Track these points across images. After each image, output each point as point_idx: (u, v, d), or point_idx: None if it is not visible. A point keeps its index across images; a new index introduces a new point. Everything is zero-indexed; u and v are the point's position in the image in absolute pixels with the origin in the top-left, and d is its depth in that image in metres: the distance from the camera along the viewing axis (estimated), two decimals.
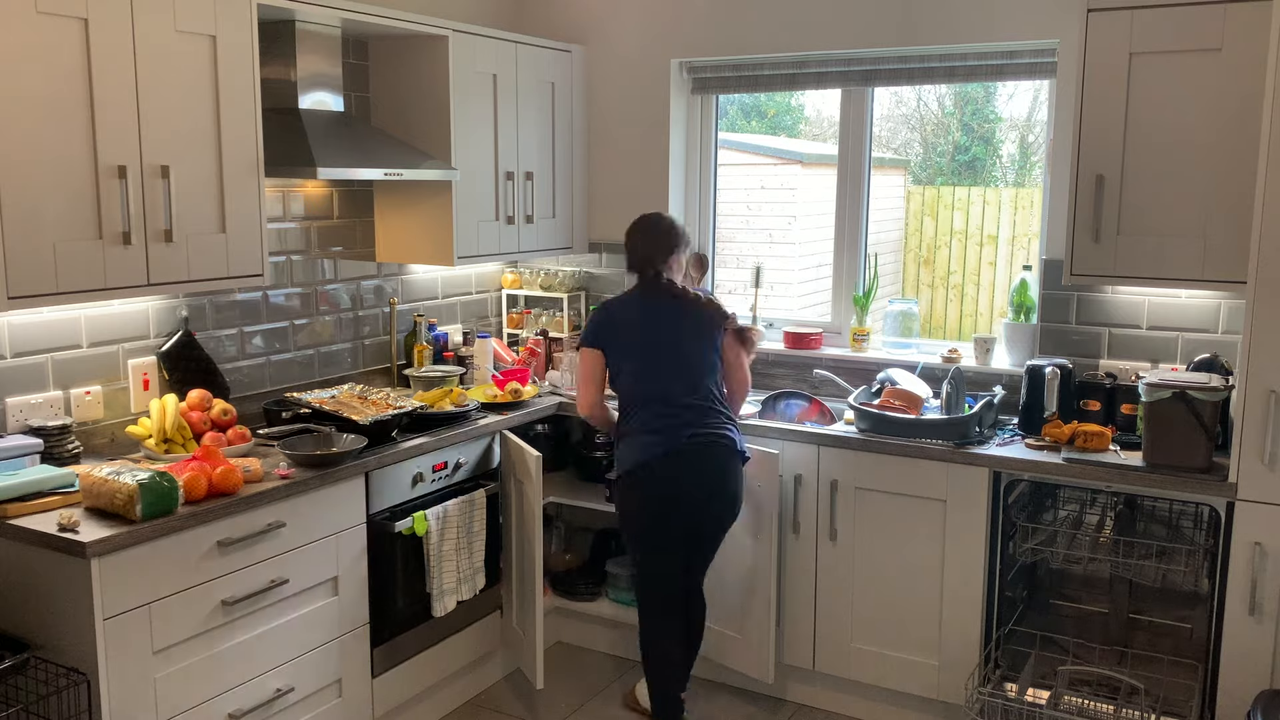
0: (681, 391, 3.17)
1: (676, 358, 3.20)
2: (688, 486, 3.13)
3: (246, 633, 2.77)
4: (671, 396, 3.16)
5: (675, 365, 3.19)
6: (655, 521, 3.18)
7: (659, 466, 3.11)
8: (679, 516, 3.17)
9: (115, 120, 2.67)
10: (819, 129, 4.69)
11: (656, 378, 3.19)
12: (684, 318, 3.23)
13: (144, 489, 2.48)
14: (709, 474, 3.15)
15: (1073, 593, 3.59)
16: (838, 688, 3.59)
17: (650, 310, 3.24)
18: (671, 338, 3.21)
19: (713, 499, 3.18)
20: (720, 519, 3.25)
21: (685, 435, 3.11)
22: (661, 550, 3.22)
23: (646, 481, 3.13)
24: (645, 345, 3.21)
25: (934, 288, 4.45)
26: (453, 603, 3.41)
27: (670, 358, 3.20)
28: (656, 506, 3.15)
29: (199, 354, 3.27)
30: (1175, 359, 3.47)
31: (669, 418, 3.14)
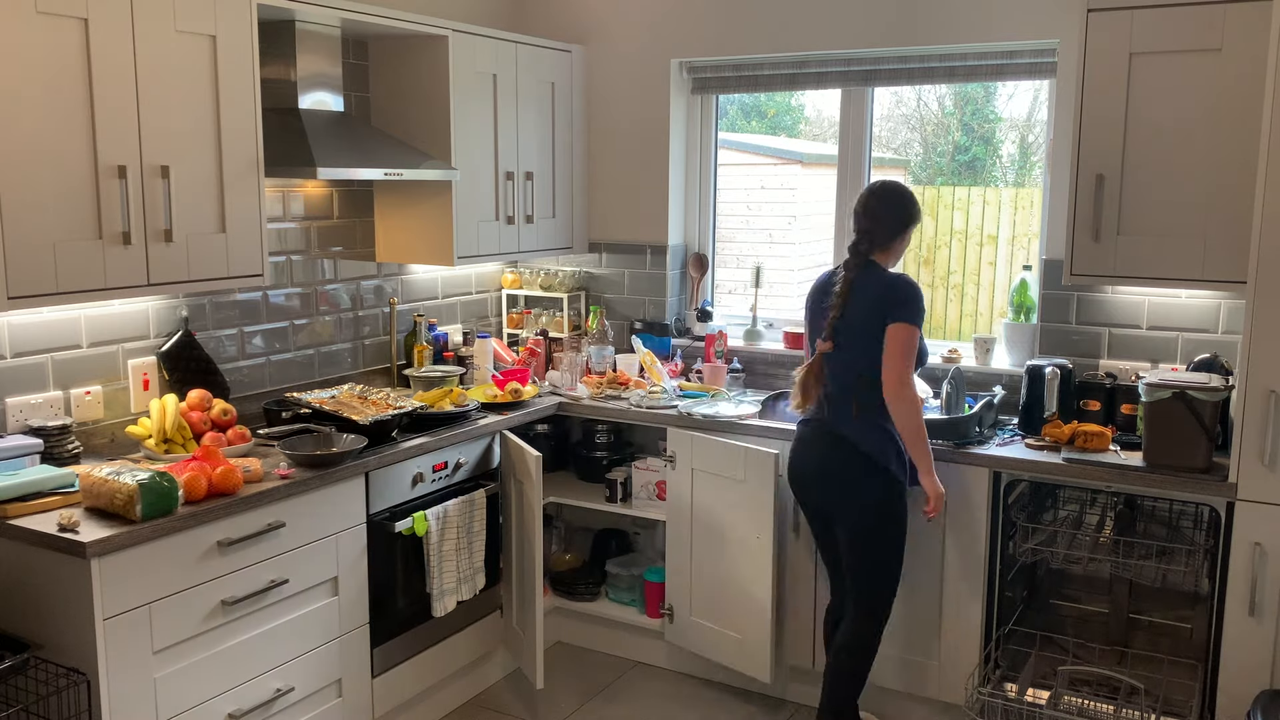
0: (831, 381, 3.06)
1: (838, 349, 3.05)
2: (799, 469, 3.20)
3: (246, 633, 2.77)
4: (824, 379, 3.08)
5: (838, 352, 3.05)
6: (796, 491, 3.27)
7: (796, 441, 3.22)
8: (798, 493, 3.25)
9: (115, 120, 2.67)
10: (819, 129, 4.69)
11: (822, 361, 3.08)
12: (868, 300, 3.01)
13: (144, 489, 2.48)
14: (812, 460, 3.14)
15: (1073, 593, 3.59)
16: None
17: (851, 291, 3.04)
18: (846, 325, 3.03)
19: (817, 485, 3.13)
20: (826, 508, 3.13)
21: (816, 417, 3.13)
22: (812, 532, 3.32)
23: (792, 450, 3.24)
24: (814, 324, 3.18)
25: (934, 288, 4.44)
26: (453, 603, 3.41)
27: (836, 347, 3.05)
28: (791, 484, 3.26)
29: (199, 354, 3.27)
30: (1175, 359, 3.47)
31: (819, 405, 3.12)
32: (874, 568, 3.11)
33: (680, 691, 3.76)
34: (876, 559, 3.10)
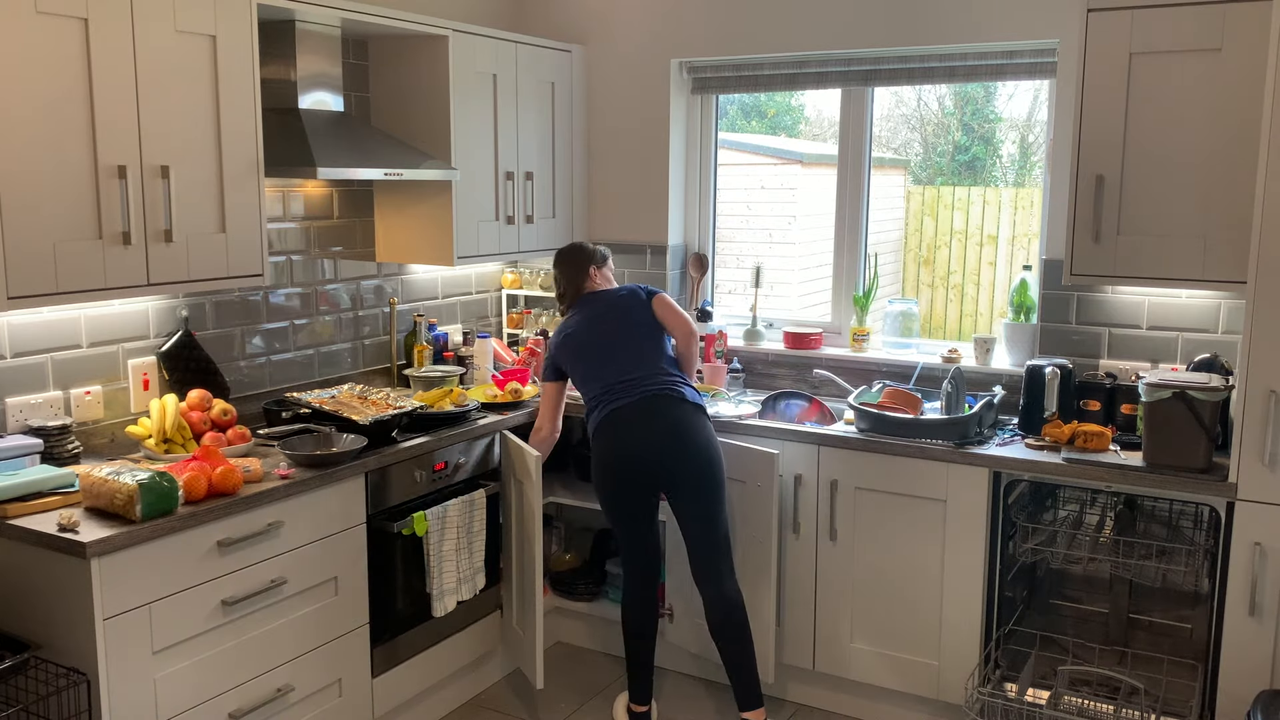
0: (623, 369, 3.33)
1: (613, 347, 3.38)
2: (639, 435, 3.24)
3: (246, 633, 2.77)
4: (618, 374, 3.32)
5: (613, 352, 3.37)
6: (621, 480, 3.29)
7: (613, 426, 3.27)
8: (642, 467, 3.26)
9: (115, 120, 2.67)
10: (819, 129, 4.69)
11: (602, 368, 3.35)
12: (610, 310, 3.45)
13: (144, 489, 2.48)
14: (656, 419, 3.24)
15: (1073, 593, 3.60)
16: (837, 688, 3.59)
17: (586, 320, 3.45)
18: (606, 332, 3.40)
19: (674, 445, 3.22)
20: (689, 469, 3.22)
21: (634, 394, 3.27)
22: (626, 515, 3.34)
23: (609, 443, 3.28)
24: (588, 347, 3.41)
25: (934, 288, 4.44)
26: (453, 603, 3.41)
27: (608, 349, 3.38)
28: (620, 465, 3.28)
29: (199, 354, 3.27)
30: (1175, 359, 3.47)
31: (617, 390, 3.30)
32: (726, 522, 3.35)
33: (680, 691, 3.76)
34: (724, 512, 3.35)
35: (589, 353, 3.40)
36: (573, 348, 3.43)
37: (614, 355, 3.37)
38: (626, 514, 3.34)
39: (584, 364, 3.40)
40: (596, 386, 3.35)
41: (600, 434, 3.31)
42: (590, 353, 3.40)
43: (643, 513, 3.35)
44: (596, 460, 3.32)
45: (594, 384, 3.36)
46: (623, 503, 3.32)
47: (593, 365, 3.38)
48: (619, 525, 3.38)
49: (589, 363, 3.39)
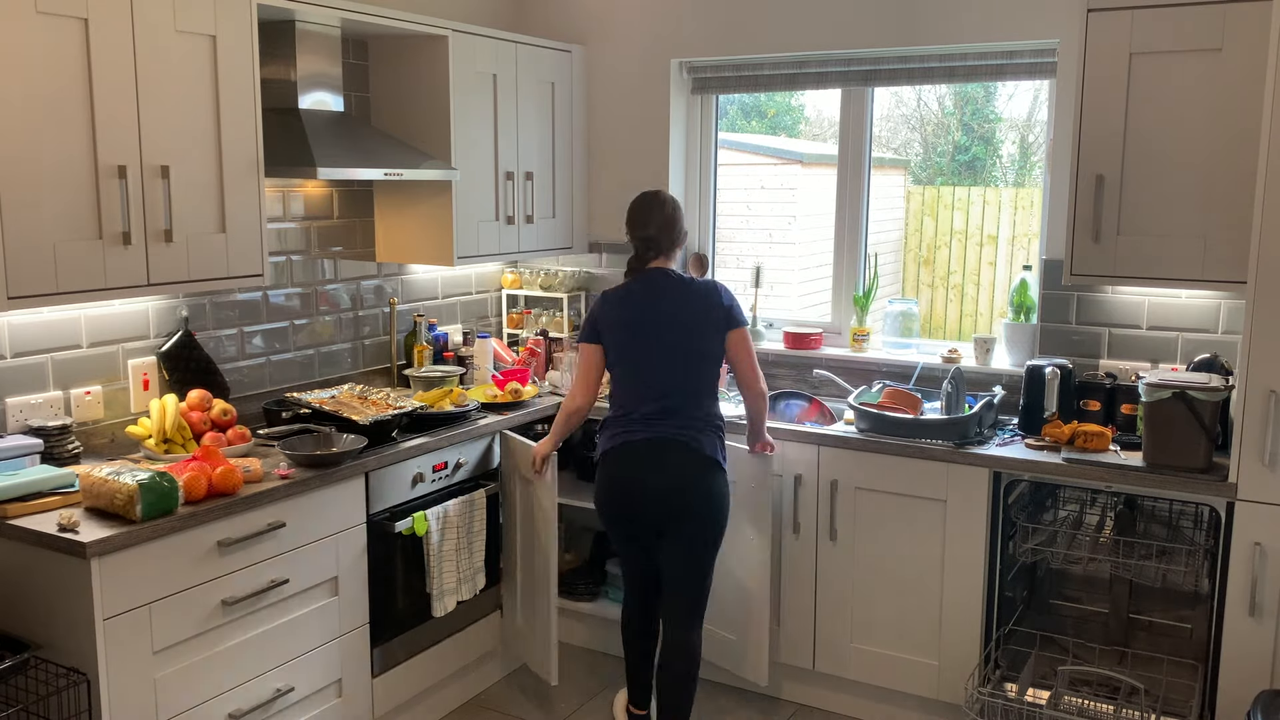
0: (657, 394, 3.08)
1: (661, 363, 3.10)
2: (642, 479, 3.08)
3: (246, 633, 2.77)
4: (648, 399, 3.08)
5: (658, 369, 3.10)
6: (621, 515, 3.18)
7: (623, 460, 3.11)
8: (643, 509, 3.11)
9: (115, 120, 2.67)
10: (819, 129, 4.69)
11: (638, 381, 3.12)
12: (680, 314, 3.11)
13: (144, 489, 2.48)
14: (664, 471, 3.06)
15: (1073, 593, 3.60)
16: (837, 688, 3.59)
17: (650, 309, 3.13)
18: (664, 342, 3.10)
19: (678, 500, 3.07)
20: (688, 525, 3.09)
21: (654, 431, 3.06)
22: (624, 537, 3.25)
23: (615, 475, 3.13)
24: (636, 347, 3.12)
25: (934, 288, 4.45)
26: (453, 603, 3.41)
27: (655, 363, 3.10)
28: (622, 500, 3.15)
29: (199, 354, 3.27)
30: (1175, 359, 3.47)
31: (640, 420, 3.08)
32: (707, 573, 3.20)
33: None
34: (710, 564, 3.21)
35: (633, 353, 3.12)
36: (622, 336, 3.12)
37: (657, 373, 3.09)
38: (626, 539, 3.24)
39: (623, 363, 3.14)
40: (623, 403, 3.13)
41: (609, 461, 3.13)
42: (635, 354, 3.12)
43: (642, 542, 3.21)
44: (600, 484, 3.18)
45: (622, 398, 3.14)
46: (622, 531, 3.23)
47: (630, 370, 3.12)
48: (619, 546, 3.31)
49: (628, 364, 3.13)
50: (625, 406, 3.12)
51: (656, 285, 3.14)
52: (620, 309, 3.15)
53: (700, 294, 3.13)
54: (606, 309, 3.16)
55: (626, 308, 3.14)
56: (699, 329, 3.10)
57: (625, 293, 3.17)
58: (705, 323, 3.10)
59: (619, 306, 3.15)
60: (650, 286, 3.15)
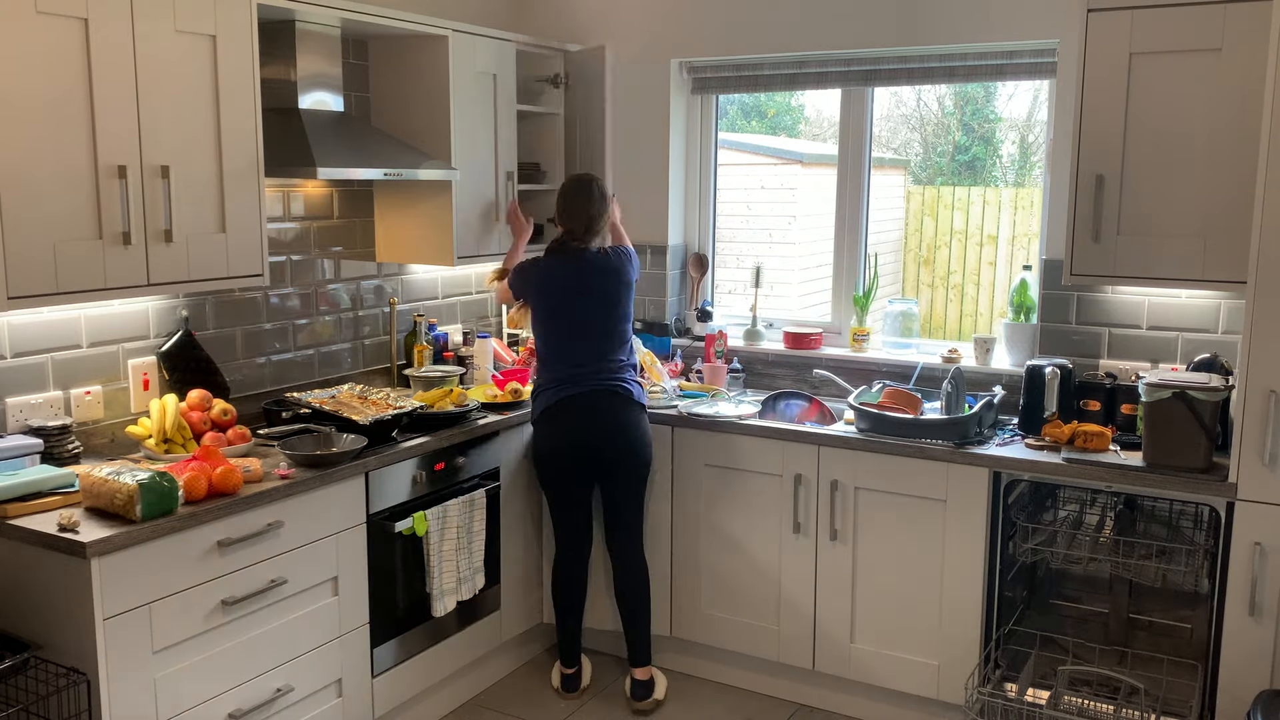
0: (585, 357, 3.46)
1: (586, 329, 3.47)
2: (583, 427, 3.44)
3: (246, 633, 2.77)
4: (579, 361, 3.46)
5: (585, 335, 3.47)
6: (563, 470, 3.51)
7: (563, 415, 3.45)
8: (585, 459, 3.47)
9: (115, 120, 2.66)
10: (819, 129, 4.69)
11: (569, 347, 3.48)
12: (600, 283, 3.48)
13: (144, 489, 2.48)
14: (609, 417, 3.44)
15: (1073, 593, 3.60)
16: (838, 688, 3.59)
17: (574, 281, 3.49)
18: (585, 309, 3.47)
19: (617, 444, 3.45)
20: (626, 465, 3.48)
21: (587, 385, 3.43)
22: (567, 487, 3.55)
23: (557, 431, 3.46)
24: (562, 314, 3.48)
25: (934, 288, 4.45)
26: (453, 603, 3.41)
27: (582, 329, 3.47)
28: (565, 455, 3.48)
29: (199, 354, 3.27)
30: (1175, 359, 3.47)
31: (573, 379, 3.44)
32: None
33: (680, 691, 3.76)
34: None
35: (561, 322, 3.49)
36: (548, 304, 3.50)
37: (584, 338, 3.47)
38: (564, 497, 3.56)
39: (553, 330, 3.50)
40: (555, 367, 3.48)
41: (547, 419, 3.47)
42: (562, 323, 3.49)
43: (579, 497, 3.57)
44: (540, 444, 3.51)
45: (554, 363, 3.48)
46: (562, 488, 3.55)
47: (560, 337, 3.49)
48: (555, 506, 3.61)
49: (558, 332, 3.49)
50: (560, 370, 3.48)
51: (581, 261, 3.51)
52: (548, 283, 3.51)
53: (612, 263, 3.53)
54: (535, 280, 3.54)
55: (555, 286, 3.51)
56: (614, 292, 3.51)
57: (551, 264, 3.54)
58: (619, 286, 3.52)
59: (546, 280, 3.52)
60: (574, 260, 3.52)
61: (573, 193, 3.55)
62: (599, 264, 3.50)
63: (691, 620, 3.77)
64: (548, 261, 3.53)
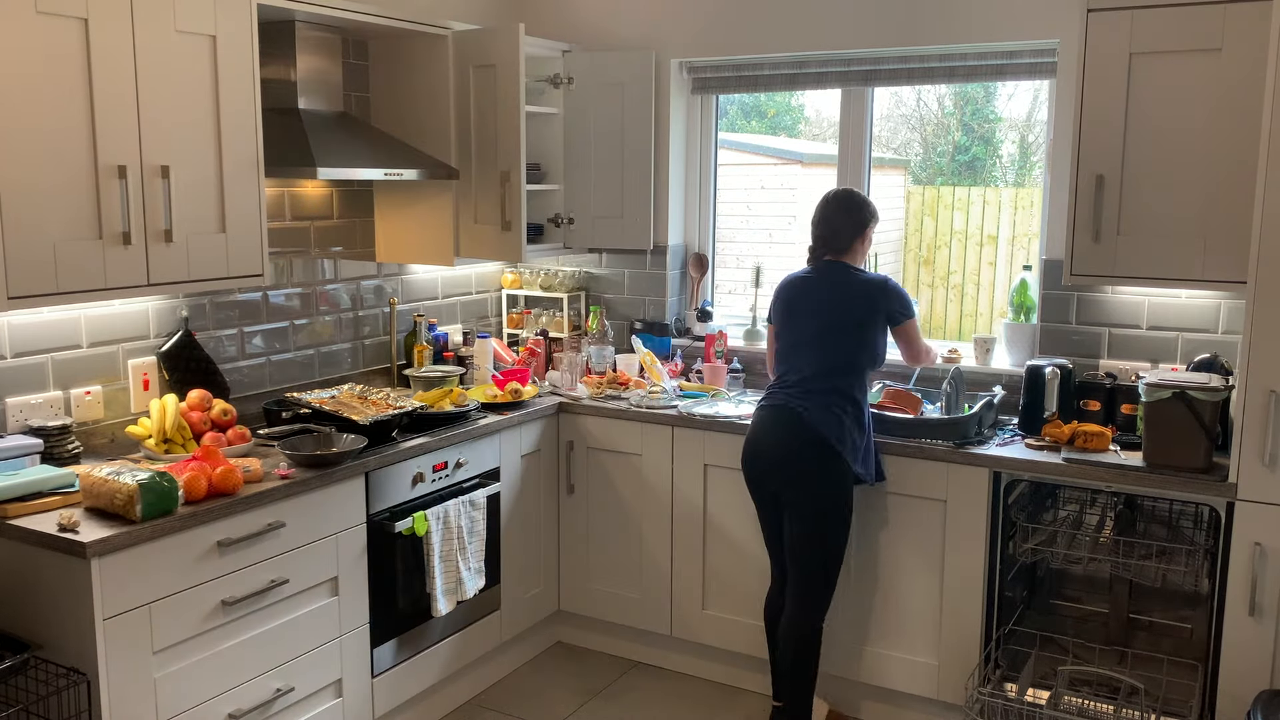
0: (803, 366, 3.24)
1: (814, 342, 3.24)
2: (760, 443, 3.24)
3: (246, 633, 2.77)
4: (795, 370, 3.26)
5: (811, 346, 3.24)
6: (747, 472, 3.31)
7: (757, 418, 3.29)
8: (761, 469, 3.25)
9: (115, 120, 2.67)
10: (819, 129, 4.69)
11: (792, 354, 3.29)
12: (845, 303, 3.25)
13: (144, 489, 2.48)
14: (776, 435, 3.20)
15: (1073, 593, 3.60)
16: (838, 688, 3.59)
17: (822, 294, 3.30)
18: (824, 325, 3.24)
19: (783, 466, 3.18)
20: (790, 493, 3.18)
21: (783, 398, 3.23)
22: (759, 504, 3.34)
23: (750, 432, 3.30)
24: (796, 325, 3.30)
25: (934, 288, 4.44)
26: (453, 603, 3.41)
27: (810, 341, 3.25)
28: (747, 459, 3.29)
29: (199, 354, 3.27)
30: (1175, 359, 3.47)
31: (781, 385, 3.28)
32: (821, 556, 3.21)
33: (680, 691, 3.76)
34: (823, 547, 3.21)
35: (792, 331, 3.31)
36: (784, 311, 3.35)
37: (808, 349, 3.25)
38: (756, 502, 3.35)
39: (782, 337, 3.36)
40: (776, 368, 3.37)
41: (752, 419, 3.33)
42: (793, 332, 3.31)
43: (767, 508, 3.32)
44: (744, 445, 3.34)
45: (777, 364, 3.37)
46: (752, 492, 3.33)
47: (786, 344, 3.33)
48: (757, 510, 3.38)
49: (785, 340, 3.34)
50: (776, 373, 3.36)
51: (837, 276, 3.31)
52: (793, 293, 3.36)
53: (867, 288, 3.28)
54: (782, 291, 3.40)
55: (797, 297, 3.34)
56: (861, 319, 3.23)
57: (806, 276, 3.37)
58: (867, 316, 3.24)
59: (791, 289, 3.37)
60: (830, 274, 3.32)
61: (826, 201, 3.38)
62: (852, 283, 3.27)
63: (691, 620, 3.77)
64: (799, 275, 3.39)
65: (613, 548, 3.92)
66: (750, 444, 3.28)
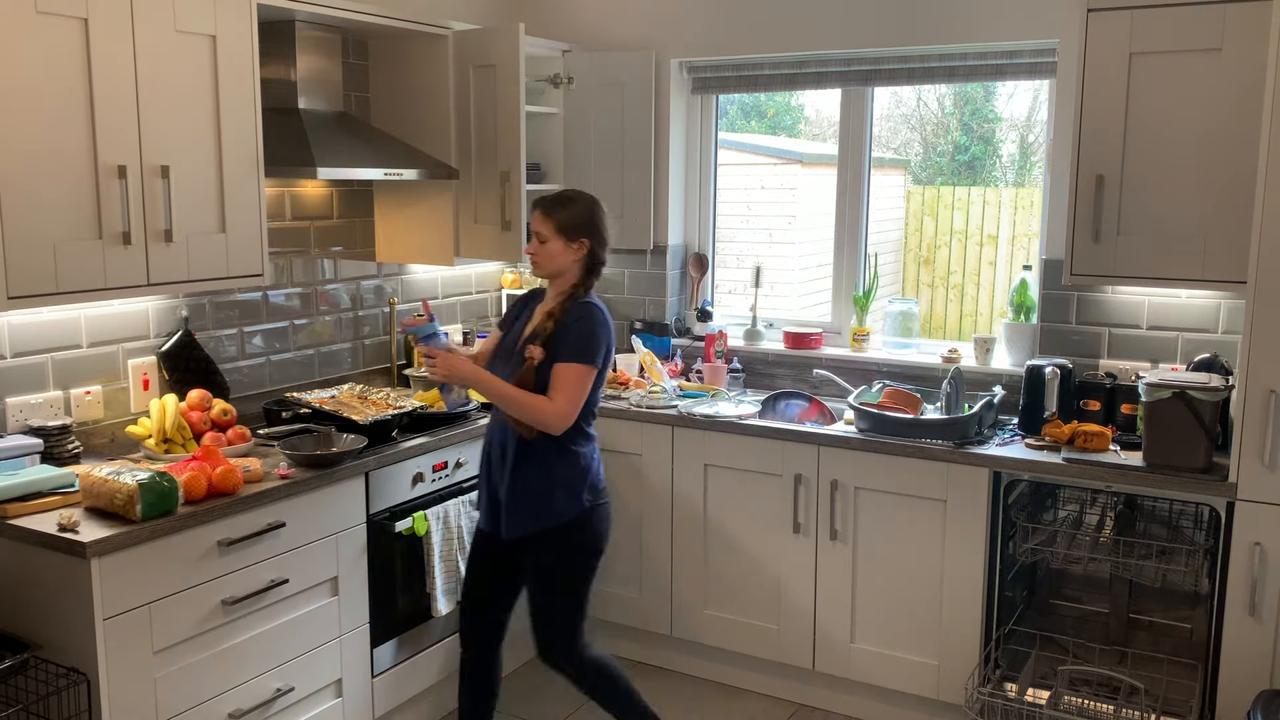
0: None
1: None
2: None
3: (246, 633, 2.77)
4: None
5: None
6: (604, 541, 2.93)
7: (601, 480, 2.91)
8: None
9: (115, 120, 2.66)
10: (819, 129, 4.69)
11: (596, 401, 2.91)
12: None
13: (144, 489, 2.48)
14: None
15: (1073, 593, 3.60)
16: (838, 688, 3.59)
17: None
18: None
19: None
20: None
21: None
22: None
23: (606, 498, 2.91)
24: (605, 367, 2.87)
25: (934, 288, 4.45)
26: (453, 603, 3.41)
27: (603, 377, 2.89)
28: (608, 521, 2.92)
29: (199, 354, 3.27)
30: (1175, 359, 3.47)
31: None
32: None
33: (680, 691, 3.76)
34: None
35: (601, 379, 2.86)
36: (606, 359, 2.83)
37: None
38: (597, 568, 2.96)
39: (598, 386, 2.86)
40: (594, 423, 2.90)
41: (603, 488, 2.90)
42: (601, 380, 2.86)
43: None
44: (606, 514, 2.90)
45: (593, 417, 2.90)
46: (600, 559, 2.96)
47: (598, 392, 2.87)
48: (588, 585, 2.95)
49: (599, 388, 2.86)
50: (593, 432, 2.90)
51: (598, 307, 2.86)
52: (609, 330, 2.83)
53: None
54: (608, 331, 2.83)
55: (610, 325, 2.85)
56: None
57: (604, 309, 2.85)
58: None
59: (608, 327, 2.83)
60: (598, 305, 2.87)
61: (604, 213, 2.90)
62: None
63: (691, 620, 3.77)
64: (603, 310, 2.84)
65: (613, 548, 3.90)
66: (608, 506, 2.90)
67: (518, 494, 2.80)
